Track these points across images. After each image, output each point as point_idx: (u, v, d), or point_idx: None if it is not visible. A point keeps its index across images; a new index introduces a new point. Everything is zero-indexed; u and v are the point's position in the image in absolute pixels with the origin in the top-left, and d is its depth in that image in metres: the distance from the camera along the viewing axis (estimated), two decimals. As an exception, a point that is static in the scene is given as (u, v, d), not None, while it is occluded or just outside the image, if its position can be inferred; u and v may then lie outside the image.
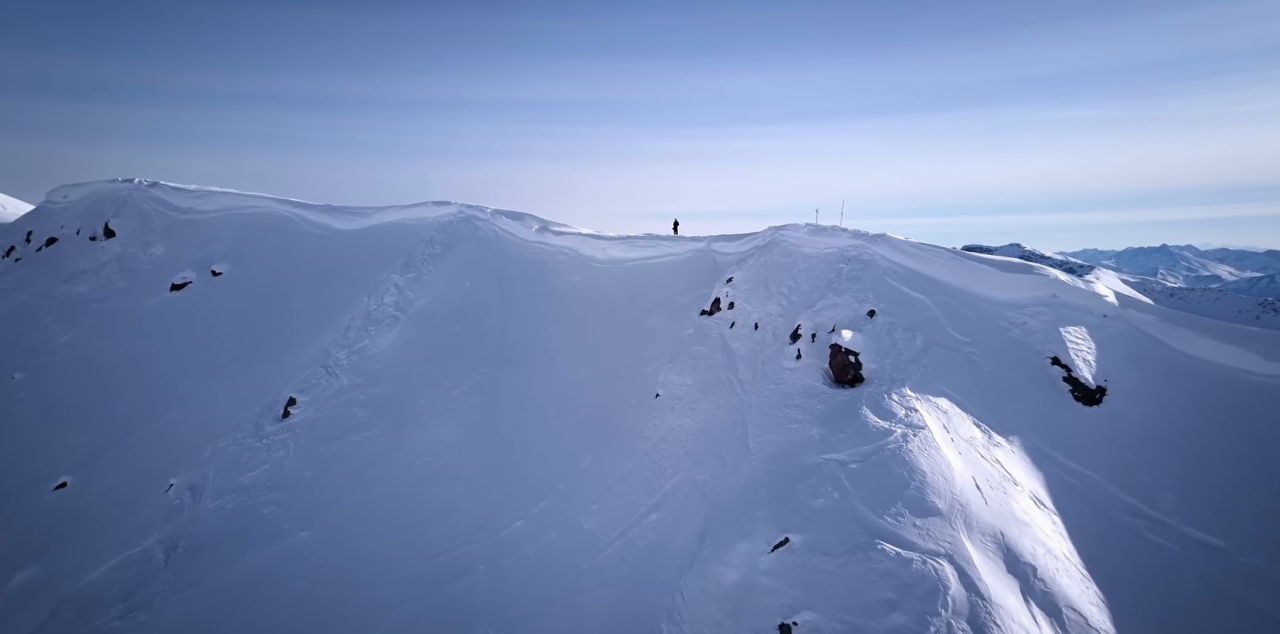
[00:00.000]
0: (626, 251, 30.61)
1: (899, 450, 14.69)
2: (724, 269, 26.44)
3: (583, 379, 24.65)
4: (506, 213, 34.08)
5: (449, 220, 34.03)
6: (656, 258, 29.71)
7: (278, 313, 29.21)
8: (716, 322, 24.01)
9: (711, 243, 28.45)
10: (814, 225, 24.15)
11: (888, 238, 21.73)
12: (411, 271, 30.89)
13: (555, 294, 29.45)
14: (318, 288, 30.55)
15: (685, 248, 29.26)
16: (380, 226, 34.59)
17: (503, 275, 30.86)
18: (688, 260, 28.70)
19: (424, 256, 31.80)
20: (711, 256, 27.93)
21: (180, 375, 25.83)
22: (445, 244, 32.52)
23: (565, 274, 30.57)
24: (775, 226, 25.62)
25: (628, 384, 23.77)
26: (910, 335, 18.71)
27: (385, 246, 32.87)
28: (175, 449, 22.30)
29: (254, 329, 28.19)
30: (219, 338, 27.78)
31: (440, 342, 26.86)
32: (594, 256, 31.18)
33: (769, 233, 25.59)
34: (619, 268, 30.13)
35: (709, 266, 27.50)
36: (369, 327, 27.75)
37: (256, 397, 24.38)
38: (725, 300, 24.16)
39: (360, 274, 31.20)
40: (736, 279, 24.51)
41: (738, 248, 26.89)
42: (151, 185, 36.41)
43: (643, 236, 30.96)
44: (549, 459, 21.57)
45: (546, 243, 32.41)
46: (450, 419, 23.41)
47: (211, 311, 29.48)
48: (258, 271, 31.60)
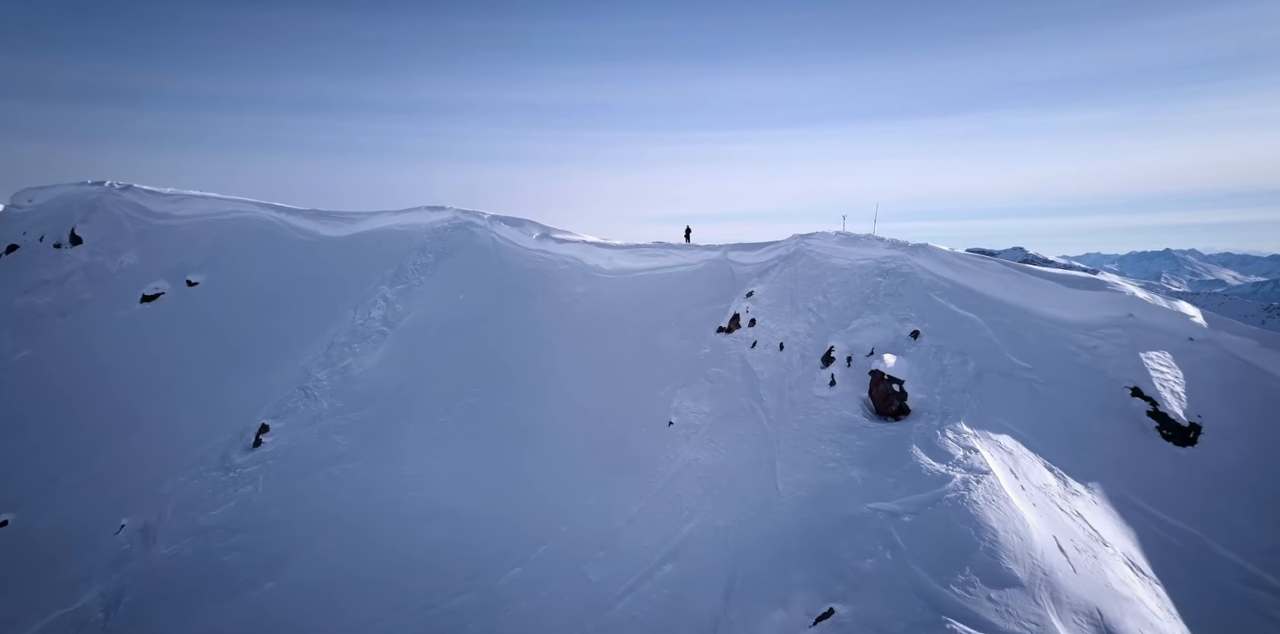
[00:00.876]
0: (635, 261, 28.64)
1: (961, 501, 12.64)
2: (743, 281, 24.45)
3: (587, 403, 22.63)
4: (505, 219, 32.17)
5: (443, 227, 32.13)
6: (668, 268, 27.73)
7: (256, 327, 27.28)
8: (736, 340, 21.99)
9: (728, 252, 26.47)
10: (845, 234, 22.14)
11: (930, 248, 19.71)
12: (402, 282, 28.95)
13: (557, 307, 27.48)
14: (300, 300, 28.63)
15: (699, 257, 27.28)
16: (370, 233, 32.70)
17: (500, 286, 28.91)
18: (702, 271, 26.70)
19: (416, 266, 29.88)
20: (728, 267, 25.93)
21: (144, 397, 23.88)
22: (439, 252, 30.60)
23: (568, 285, 28.61)
24: (800, 235, 23.64)
25: (637, 410, 21.75)
26: (961, 360, 16.67)
27: (374, 255, 30.97)
28: (132, 483, 20.34)
29: (229, 345, 26.25)
30: (190, 355, 25.84)
31: (431, 360, 24.88)
32: (599, 266, 29.21)
33: (793, 241, 23.60)
34: (626, 279, 28.15)
35: (725, 278, 25.50)
36: (354, 344, 25.80)
37: (226, 422, 22.42)
38: (745, 317, 22.14)
39: (347, 285, 29.28)
40: (758, 293, 22.49)
41: (758, 258, 24.90)
42: (124, 188, 34.58)
43: (652, 245, 29.00)
44: (549, 496, 19.54)
45: (548, 251, 30.46)
46: (440, 448, 21.40)
47: (184, 326, 27.56)
48: (236, 282, 29.71)
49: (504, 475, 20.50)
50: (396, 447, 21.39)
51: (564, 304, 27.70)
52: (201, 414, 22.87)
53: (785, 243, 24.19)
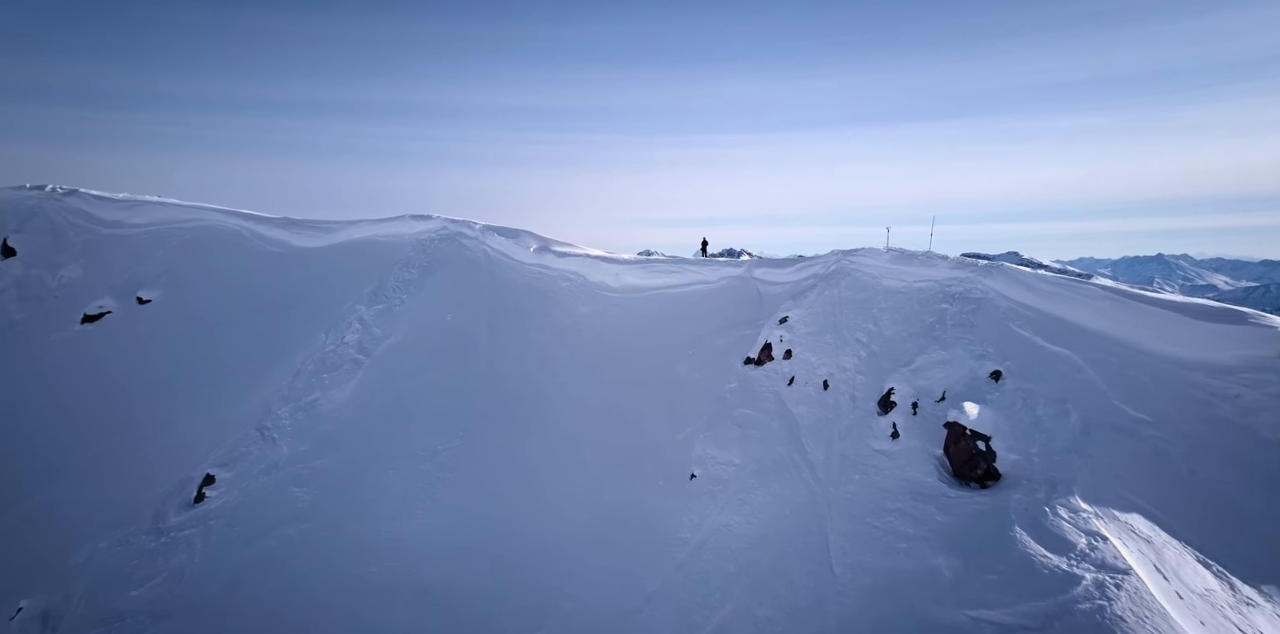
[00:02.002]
0: (645, 278, 25.65)
1: (1101, 615, 9.67)
2: (772, 303, 21.48)
3: (593, 447, 19.59)
4: (499, 229, 29.20)
5: (430, 238, 29.15)
6: (683, 286, 24.74)
7: (213, 352, 24.23)
8: (769, 375, 18.97)
9: (753, 269, 23.49)
10: (897, 251, 19.18)
11: (1006, 268, 16.76)
12: (381, 302, 25.92)
13: (558, 330, 24.45)
14: (266, 320, 25.60)
15: (719, 274, 24.29)
16: (348, 244, 29.71)
17: (493, 306, 25.89)
18: (723, 290, 23.72)
19: (397, 283, 26.86)
20: (754, 286, 22.95)
21: (72, 440, 20.80)
22: (424, 267, 27.59)
23: (570, 305, 25.59)
24: (843, 251, 20.70)
25: (653, 456, 18.72)
26: (1059, 410, 13.68)
27: (351, 269, 27.96)
28: (41, 549, 17.28)
29: (179, 375, 23.19)
30: (133, 386, 22.76)
31: (412, 395, 21.83)
32: (605, 284, 26.21)
33: (834, 258, 20.65)
34: (636, 298, 25.15)
35: (751, 299, 22.51)
36: (323, 374, 22.74)
37: (166, 471, 19.36)
38: (779, 347, 19.13)
39: (319, 303, 26.25)
40: (794, 319, 19.50)
41: (789, 276, 21.94)
42: (68, 193, 31.49)
43: (665, 260, 26.05)
44: (548, 566, 16.47)
45: (547, 266, 27.47)
46: (420, 504, 18.33)
47: (130, 350, 24.49)
48: (195, 299, 26.67)
49: (495, 537, 17.43)
50: (367, 502, 18.31)
51: (565, 327, 24.69)
52: (137, 461, 19.77)
53: (823, 260, 21.25)
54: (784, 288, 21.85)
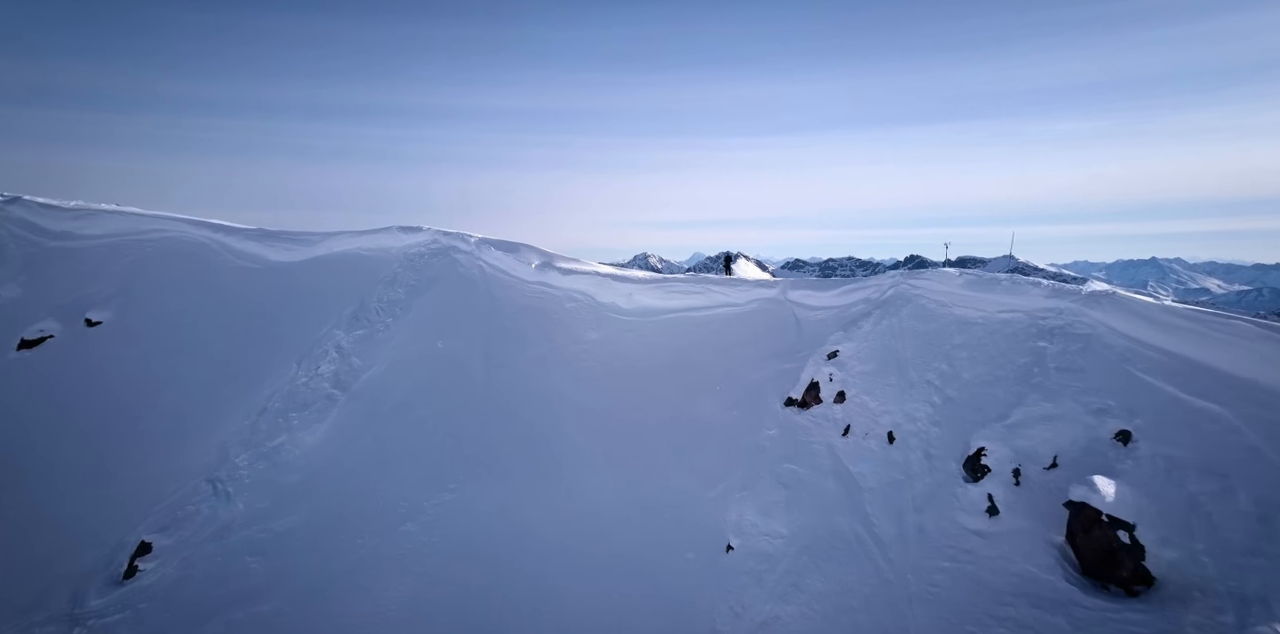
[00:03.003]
0: (663, 299, 22.56)
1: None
2: (815, 333, 18.39)
3: (605, 506, 16.46)
4: (496, 243, 26.12)
5: (419, 252, 26.06)
6: (706, 309, 21.63)
7: (167, 386, 21.08)
8: (817, 422, 15.84)
9: (788, 290, 20.38)
10: (973, 274, 16.04)
11: (1120, 298, 13.66)
12: (362, 326, 22.79)
13: (563, 360, 21.34)
14: (231, 347, 22.46)
15: (748, 295, 21.19)
16: (328, 259, 26.60)
17: (490, 331, 22.77)
18: (754, 315, 20.62)
19: (381, 303, 23.74)
20: (790, 311, 19.85)
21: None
22: (412, 286, 24.48)
23: (577, 330, 22.49)
24: (902, 273, 17.57)
25: (678, 521, 15.58)
26: (1221, 487, 10.52)
27: (330, 287, 24.84)
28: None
29: (125, 413, 20.03)
30: (68, 428, 19.57)
31: (394, 438, 18.70)
32: (616, 305, 23.11)
33: (890, 281, 17.56)
34: (653, 322, 22.05)
35: (788, 327, 19.42)
36: (291, 412, 19.60)
37: (94, 536, 16.18)
38: (829, 387, 16.02)
39: (292, 327, 23.13)
40: (845, 354, 16.38)
41: (834, 300, 18.86)
42: (9, 201, 28.26)
43: (686, 278, 22.95)
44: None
45: (551, 285, 24.37)
46: (399, 577, 15.16)
47: (72, 382, 21.31)
48: (152, 321, 23.53)
49: (489, 622, 14.23)
50: (336, 575, 15.14)
51: (572, 356, 21.57)
52: (62, 523, 16.57)
53: (876, 282, 18.16)
54: (828, 314, 18.74)
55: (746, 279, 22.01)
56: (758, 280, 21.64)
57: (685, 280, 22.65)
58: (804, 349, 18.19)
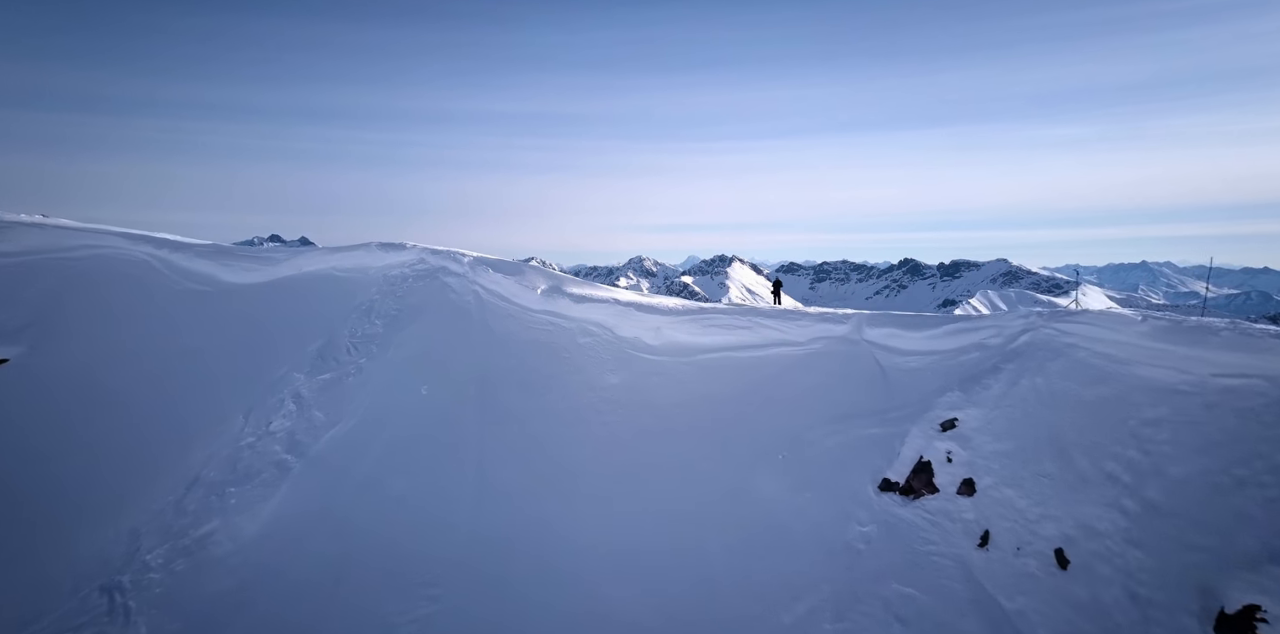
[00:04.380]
0: (699, 334, 18.05)
1: None
2: (908, 386, 13.90)
3: (638, 622, 11.83)
4: (495, 263, 21.58)
5: (402, 275, 21.50)
6: (756, 349, 17.11)
7: (76, 447, 16.42)
8: (935, 519, 11.32)
9: (864, 327, 15.87)
10: (1168, 318, 11.45)
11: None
12: (329, 368, 18.21)
13: (577, 412, 16.82)
14: (164, 395, 17.84)
15: (809, 333, 16.66)
16: (293, 281, 22.00)
17: (487, 373, 18.23)
18: (819, 358, 16.09)
19: (354, 338, 19.16)
20: (870, 356, 15.32)
21: None
22: (392, 316, 19.91)
23: (594, 372, 17.96)
24: (1041, 312, 13.00)
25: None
26: None
27: (294, 317, 20.25)
28: None
29: (10, 486, 15.28)
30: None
31: (361, 524, 14.10)
32: (641, 341, 18.60)
33: (1024, 321, 13.02)
34: (688, 365, 17.52)
35: (869, 377, 14.91)
36: (230, 486, 14.98)
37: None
38: (949, 470, 11.50)
39: (242, 368, 18.52)
40: (968, 423, 11.87)
41: (935, 344, 14.38)
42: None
43: (728, 308, 18.45)
44: None
45: (561, 314, 19.84)
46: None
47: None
48: (70, 360, 18.88)
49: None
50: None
51: (587, 406, 17.04)
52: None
53: (999, 323, 13.63)
54: (924, 362, 14.22)
55: (806, 311, 17.43)
56: (821, 313, 17.08)
57: (727, 311, 18.11)
58: (898, 409, 13.66)
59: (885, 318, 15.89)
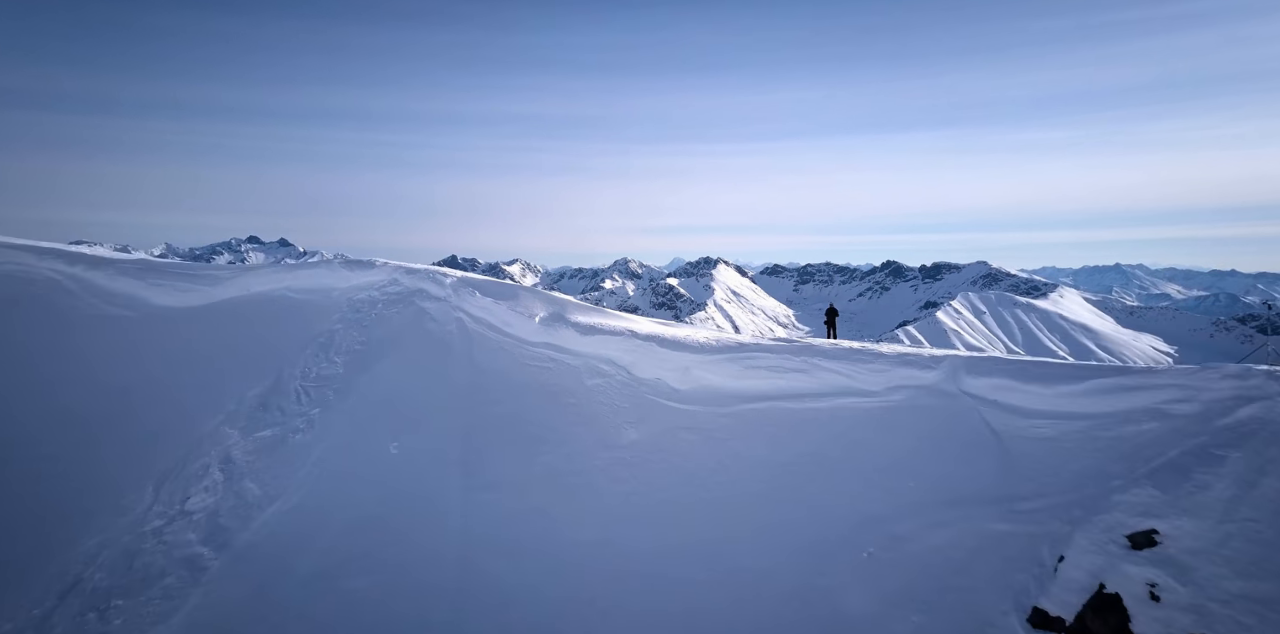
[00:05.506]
0: (739, 376, 14.13)
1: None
2: (1047, 466, 10.03)
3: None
4: (482, 285, 17.54)
5: (370, 299, 17.41)
6: (817, 398, 13.18)
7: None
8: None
9: (962, 375, 11.94)
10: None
11: None
12: (271, 420, 14.08)
13: (586, 478, 12.90)
14: (51, 457, 13.55)
15: (888, 380, 12.74)
16: (238, 305, 17.82)
17: (473, 424, 14.25)
18: (903, 414, 12.20)
19: (307, 381, 15.05)
20: (977, 415, 11.41)
21: None
22: (356, 352, 15.83)
23: (607, 423, 14.02)
24: (1268, 372, 9.09)
25: None
26: None
27: (234, 352, 16.09)
28: None
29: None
30: None
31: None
32: (664, 384, 14.66)
33: (1239, 382, 9.07)
34: (727, 416, 13.60)
35: (980, 445, 11.02)
36: (118, 598, 10.83)
37: None
38: (1157, 616, 7.57)
39: (162, 419, 14.36)
40: (1176, 540, 7.98)
41: (1086, 405, 10.48)
42: None
43: (775, 344, 14.52)
44: None
45: (564, 349, 15.87)
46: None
47: None
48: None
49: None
50: None
51: (600, 469, 13.09)
52: None
53: (1196, 379, 9.69)
54: (1066, 430, 10.35)
55: (880, 351, 13.42)
56: (900, 353, 13.13)
57: (775, 347, 14.17)
58: (1034, 497, 9.80)
59: (992, 364, 11.97)
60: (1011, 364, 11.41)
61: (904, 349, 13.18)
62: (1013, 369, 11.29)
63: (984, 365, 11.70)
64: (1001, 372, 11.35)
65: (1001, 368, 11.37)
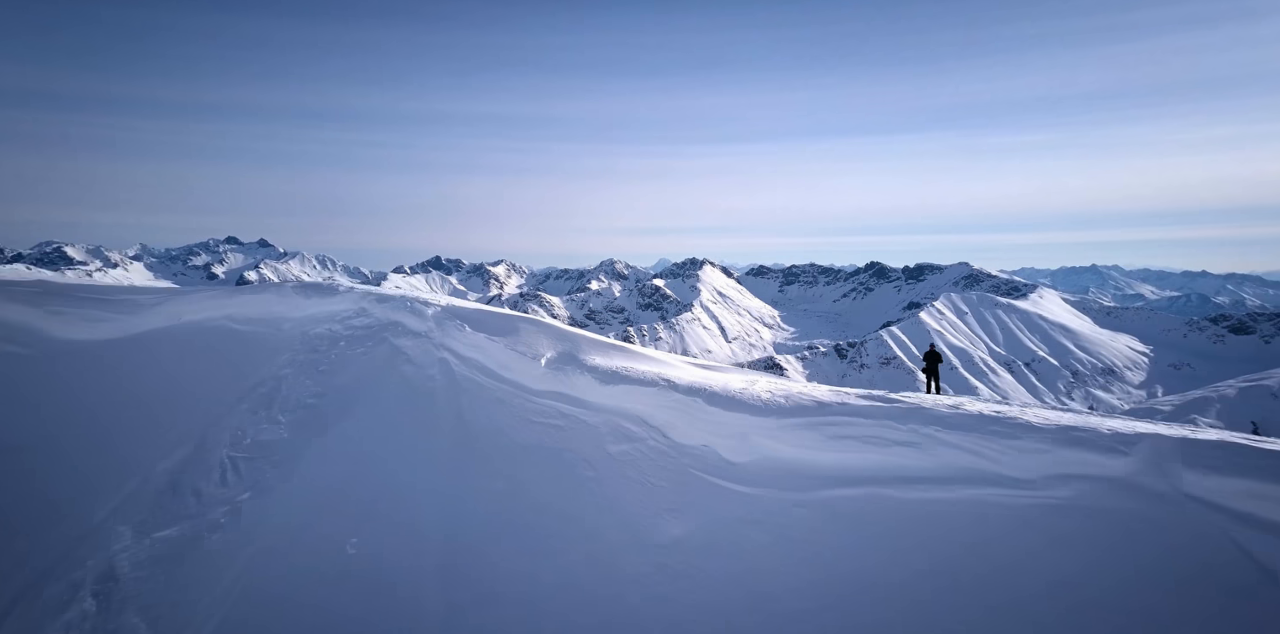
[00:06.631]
0: (818, 448, 10.24)
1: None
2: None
3: None
4: (474, 316, 13.52)
5: (331, 334, 13.37)
6: (933, 485, 9.30)
7: None
8: None
9: (1178, 464, 8.08)
10: None
11: None
12: (182, 511, 10.01)
13: (613, 593, 8.97)
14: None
15: (1044, 464, 8.84)
16: (163, 338, 13.69)
17: (461, 510, 10.27)
18: (1076, 518, 8.31)
19: (240, 449, 11.01)
20: (1226, 540, 7.55)
21: None
22: (308, 406, 11.80)
23: (636, 509, 10.13)
24: None
25: None
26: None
27: (146, 407, 11.95)
28: None
29: None
30: None
31: None
32: (715, 454, 10.78)
33: None
34: (806, 507, 9.72)
35: (1235, 587, 7.16)
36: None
37: None
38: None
39: (27, 515, 10.15)
40: None
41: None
42: None
43: (870, 404, 10.58)
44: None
45: (580, 401, 11.94)
46: None
47: None
48: None
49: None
50: None
51: (631, 579, 9.23)
52: None
53: None
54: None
55: (1028, 420, 9.38)
56: (1061, 426, 9.12)
57: (867, 409, 10.28)
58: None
59: (1226, 451, 8.12)
60: (1262, 455, 7.60)
61: (1065, 417, 9.32)
62: (1269, 463, 7.49)
63: (1212, 454, 7.86)
64: (1249, 466, 7.55)
65: (1247, 459, 7.57)
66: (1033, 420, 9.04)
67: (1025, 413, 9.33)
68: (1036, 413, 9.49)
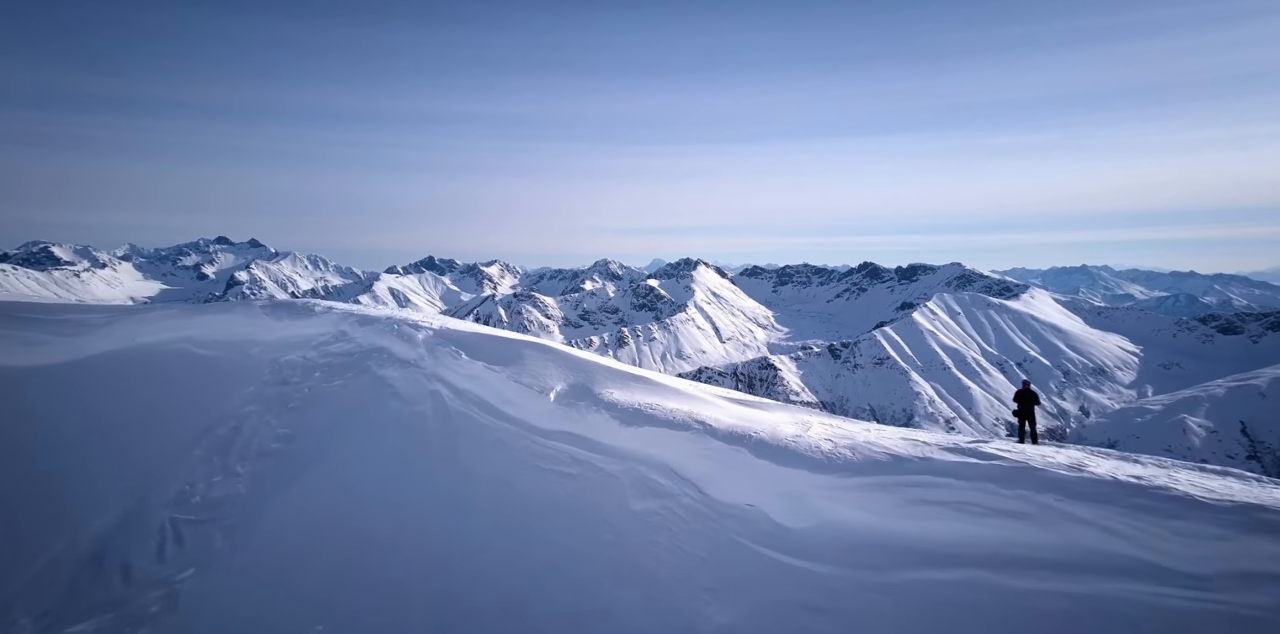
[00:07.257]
0: (896, 515, 8.19)
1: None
2: None
3: None
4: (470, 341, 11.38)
5: (304, 362, 11.21)
6: (1051, 571, 7.26)
7: None
8: None
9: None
10: None
11: None
12: (103, 597, 7.88)
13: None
14: None
15: (1219, 554, 6.78)
16: (107, 366, 11.50)
17: (457, 585, 8.12)
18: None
19: (187, 508, 8.87)
20: None
21: None
22: (273, 453, 9.67)
23: (667, 588, 8.02)
24: None
25: None
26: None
27: (79, 453, 9.71)
28: None
29: None
30: None
31: None
32: (766, 518, 8.68)
33: None
34: (885, 593, 7.64)
35: None
36: None
37: None
38: None
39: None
40: None
41: None
42: None
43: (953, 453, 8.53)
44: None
45: (595, 445, 9.84)
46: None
47: None
48: None
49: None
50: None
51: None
52: None
53: None
54: None
55: (1189, 493, 7.30)
56: (1238, 504, 7.14)
57: (957, 466, 8.24)
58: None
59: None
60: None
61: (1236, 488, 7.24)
62: None
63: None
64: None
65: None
66: (1194, 492, 7.00)
67: (1175, 479, 7.29)
68: (1189, 479, 7.46)
